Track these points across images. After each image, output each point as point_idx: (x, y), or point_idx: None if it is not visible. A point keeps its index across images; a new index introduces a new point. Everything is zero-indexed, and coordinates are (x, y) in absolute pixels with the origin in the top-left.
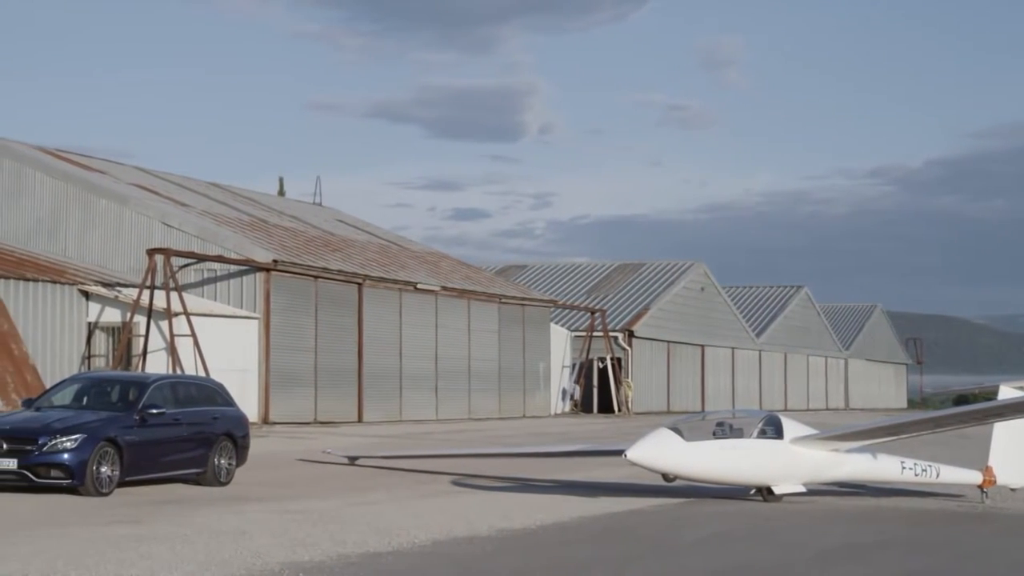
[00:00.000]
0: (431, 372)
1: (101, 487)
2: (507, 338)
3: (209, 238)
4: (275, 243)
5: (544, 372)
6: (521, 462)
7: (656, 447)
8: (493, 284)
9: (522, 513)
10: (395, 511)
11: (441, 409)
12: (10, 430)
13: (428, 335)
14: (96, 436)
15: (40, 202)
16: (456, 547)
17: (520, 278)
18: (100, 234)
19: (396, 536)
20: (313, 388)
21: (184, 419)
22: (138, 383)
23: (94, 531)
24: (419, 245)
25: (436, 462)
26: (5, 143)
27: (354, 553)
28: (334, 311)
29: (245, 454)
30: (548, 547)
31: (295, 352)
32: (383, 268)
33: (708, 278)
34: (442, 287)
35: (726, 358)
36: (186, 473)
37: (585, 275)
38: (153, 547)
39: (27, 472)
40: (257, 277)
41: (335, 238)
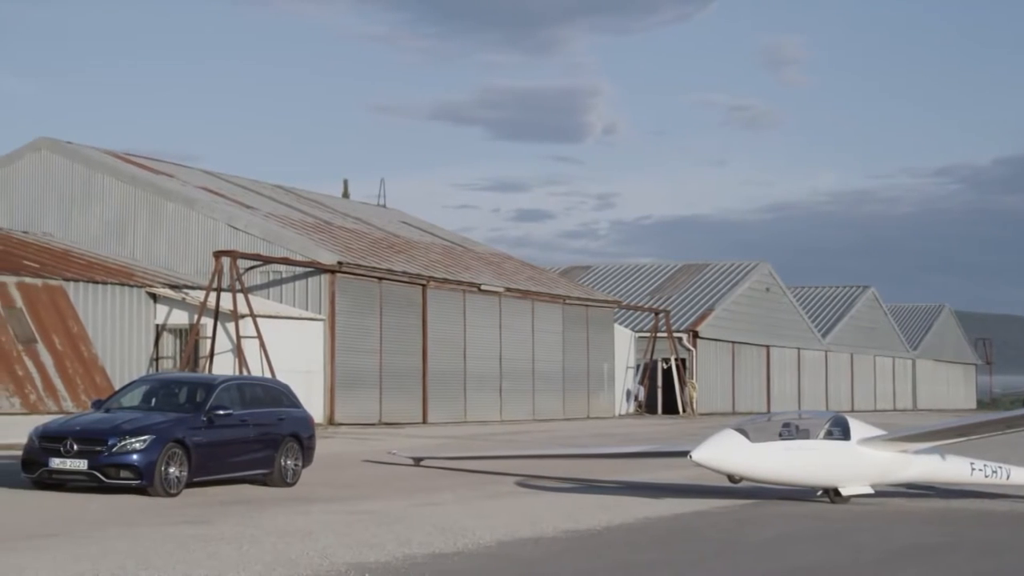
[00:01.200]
0: (495, 373)
1: (169, 488)
2: (571, 339)
3: (275, 240)
4: (340, 245)
5: (608, 373)
6: (586, 463)
7: (721, 448)
8: (557, 285)
9: (587, 514)
10: (460, 512)
11: (505, 410)
12: (80, 431)
13: (492, 336)
14: (164, 437)
15: (109, 205)
16: (521, 548)
17: (584, 279)
18: (167, 237)
19: (461, 537)
20: (378, 389)
21: (251, 420)
22: (205, 385)
23: (162, 531)
24: (483, 246)
25: (501, 463)
26: (75, 148)
27: (419, 554)
28: (398, 312)
29: (311, 455)
30: (613, 548)
31: (360, 353)
32: (447, 269)
33: (773, 278)
34: (506, 288)
35: (792, 359)
36: (253, 474)
37: (649, 276)
38: (220, 547)
39: (97, 473)
40: (322, 279)
41: (399, 240)
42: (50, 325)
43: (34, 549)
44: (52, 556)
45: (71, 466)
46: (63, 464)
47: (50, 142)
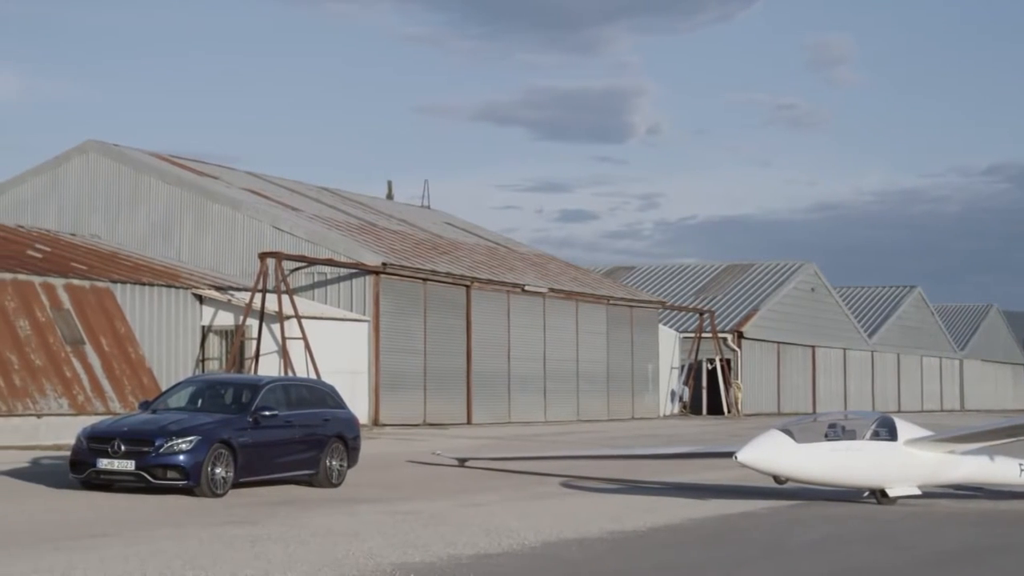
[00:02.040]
0: (539, 374)
1: (216, 488)
2: (615, 340)
3: (319, 242)
4: (384, 246)
5: (653, 374)
6: (630, 464)
7: (767, 449)
8: (601, 286)
9: (632, 515)
10: (505, 512)
11: (549, 411)
12: (128, 432)
13: (536, 337)
14: (211, 438)
15: (156, 207)
16: (566, 549)
17: (628, 279)
18: (213, 238)
19: (506, 538)
20: (422, 390)
21: (296, 421)
22: (251, 385)
23: (209, 531)
24: (527, 247)
25: (545, 464)
26: (122, 150)
27: (465, 554)
28: (443, 313)
29: (356, 456)
30: (659, 549)
31: (404, 354)
32: (491, 270)
33: (819, 278)
34: (550, 289)
35: (838, 359)
36: (298, 475)
37: (693, 276)
38: (267, 547)
39: (144, 473)
40: (367, 280)
41: (443, 241)
42: (98, 327)
43: (82, 549)
44: (100, 556)
45: (119, 467)
46: (111, 465)
47: (98, 145)
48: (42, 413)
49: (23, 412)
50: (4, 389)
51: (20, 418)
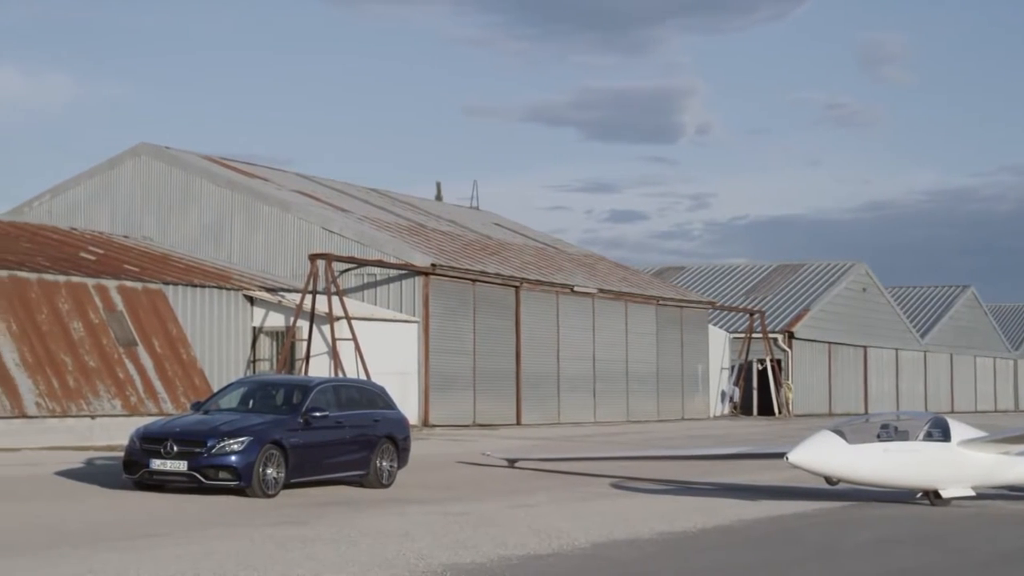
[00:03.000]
0: (589, 374)
1: (267, 489)
2: (665, 340)
3: (369, 243)
4: (433, 247)
5: (703, 374)
6: (681, 465)
7: (818, 450)
8: (650, 286)
9: (683, 516)
10: (555, 513)
11: (599, 411)
12: (180, 432)
13: (585, 337)
14: (262, 439)
15: (207, 210)
16: (617, 550)
17: (678, 280)
18: (263, 240)
19: (556, 538)
20: (472, 391)
21: (346, 422)
22: (302, 386)
23: (261, 532)
24: (576, 247)
25: (595, 464)
26: (174, 153)
27: (515, 555)
28: (492, 314)
29: (406, 456)
30: (710, 550)
31: (454, 355)
32: (540, 271)
33: (870, 278)
34: (599, 289)
35: (889, 360)
36: (349, 475)
37: (743, 276)
38: (318, 548)
39: (196, 474)
40: (416, 281)
41: (492, 241)
42: (150, 328)
43: (136, 549)
44: (153, 556)
45: (171, 467)
46: (163, 465)
47: (150, 147)
48: (96, 414)
49: (77, 413)
50: (59, 390)
51: (74, 419)
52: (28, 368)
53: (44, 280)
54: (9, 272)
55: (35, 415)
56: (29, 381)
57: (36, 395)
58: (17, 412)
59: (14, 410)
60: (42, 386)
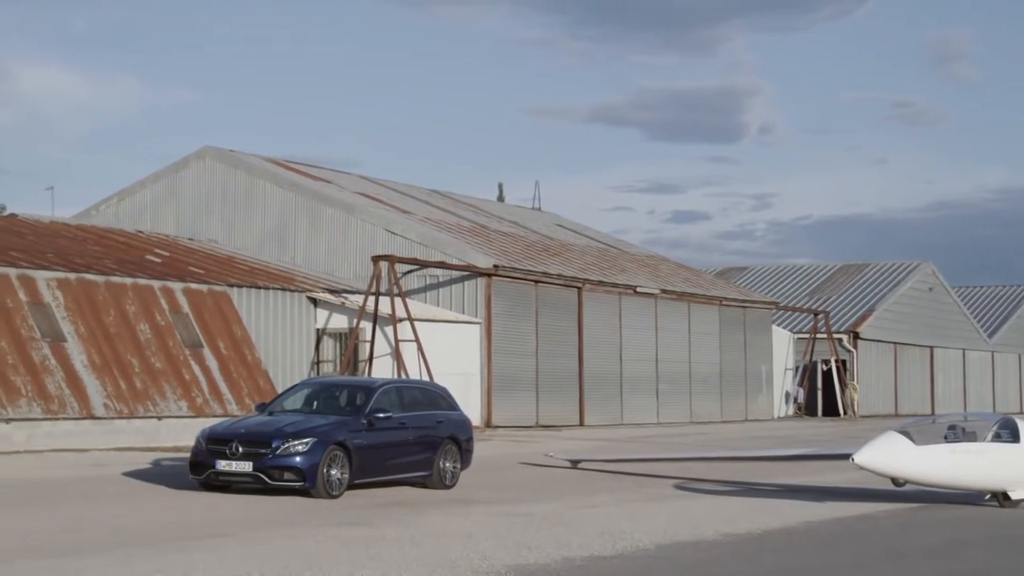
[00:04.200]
0: (652, 375)
1: (331, 490)
2: (728, 341)
3: (431, 244)
4: (496, 248)
5: (766, 375)
6: (745, 466)
7: (885, 451)
8: (713, 286)
9: (747, 517)
10: (618, 514)
11: (662, 412)
12: (245, 434)
13: (648, 338)
14: (326, 440)
15: (270, 212)
16: (681, 551)
17: (741, 280)
18: (326, 242)
19: (620, 540)
20: (534, 392)
21: (410, 423)
22: (365, 388)
23: (325, 532)
24: (638, 248)
25: (659, 466)
26: (238, 155)
27: (579, 556)
28: (554, 315)
29: (469, 457)
30: (775, 552)
31: (516, 356)
32: (603, 272)
33: (936, 278)
34: (662, 290)
35: (956, 360)
36: (412, 476)
37: (807, 276)
38: (382, 548)
39: (262, 474)
40: (478, 282)
41: (554, 242)
42: (215, 330)
43: (202, 549)
44: (219, 556)
45: (237, 468)
46: (229, 466)
47: (214, 151)
48: (162, 415)
49: (144, 414)
50: (126, 392)
51: (141, 420)
52: (96, 370)
53: (111, 282)
54: (77, 275)
55: (103, 416)
56: (97, 383)
57: (104, 396)
58: (86, 413)
59: (83, 411)
60: (110, 388)
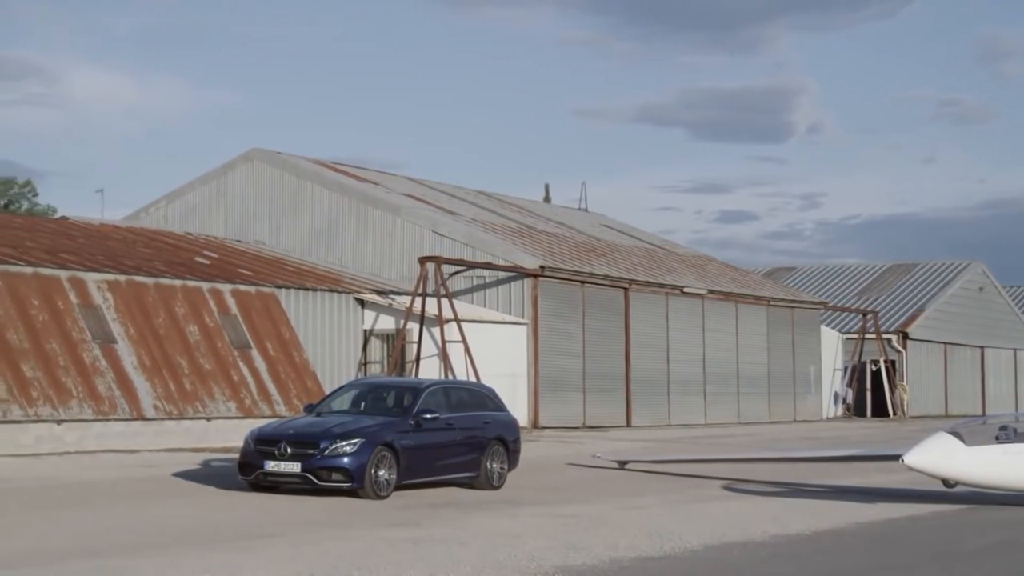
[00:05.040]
0: (699, 376)
1: (379, 490)
2: (776, 341)
3: (478, 245)
4: (542, 249)
5: (815, 375)
6: (793, 467)
7: (935, 452)
8: (761, 287)
9: (796, 518)
10: (666, 515)
11: (710, 413)
12: (294, 434)
13: (695, 339)
14: (374, 440)
15: (318, 213)
16: (729, 552)
17: (788, 280)
18: (373, 243)
19: (668, 540)
20: (581, 392)
21: (457, 424)
22: (412, 388)
23: (373, 533)
24: (685, 248)
25: (706, 466)
26: (285, 157)
27: (626, 557)
28: (601, 316)
29: (516, 458)
30: (824, 553)
31: (563, 357)
32: (649, 272)
33: (987, 277)
34: (709, 290)
35: (1008, 360)
36: (459, 477)
37: (856, 276)
38: (430, 549)
39: (310, 475)
40: (525, 283)
41: (601, 243)
42: (263, 331)
43: (251, 549)
44: (268, 556)
45: (285, 468)
46: (277, 467)
47: (262, 153)
48: (211, 416)
49: (193, 415)
50: (175, 393)
51: (191, 421)
52: (146, 371)
53: (161, 284)
54: (127, 277)
55: (153, 417)
56: (147, 384)
57: (154, 398)
58: (136, 415)
59: (133, 412)
60: (159, 389)
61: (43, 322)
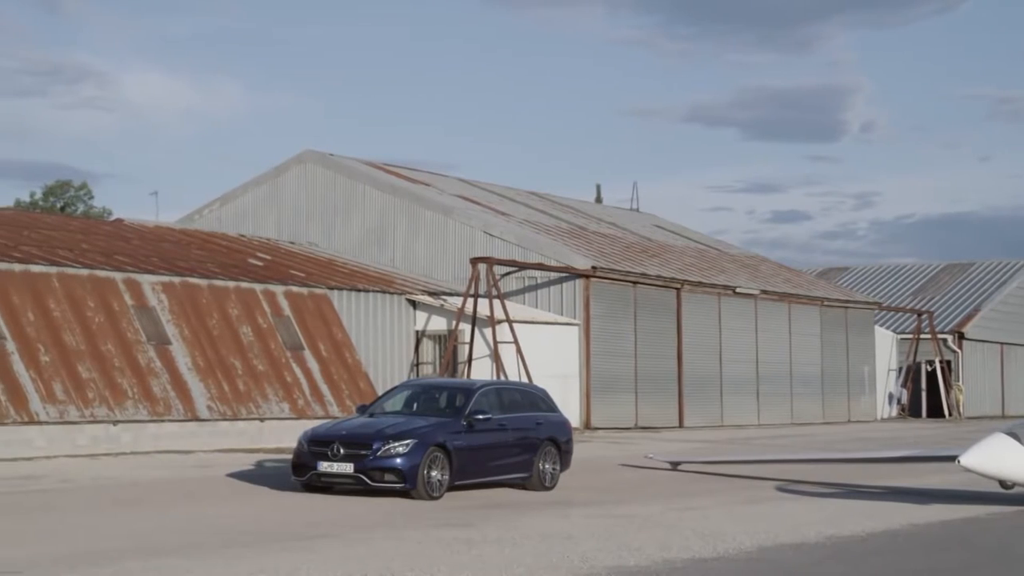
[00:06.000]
0: (752, 376)
1: (432, 491)
2: (830, 342)
3: (529, 246)
4: (594, 250)
5: (869, 376)
6: (847, 468)
7: (992, 453)
8: (814, 287)
9: (851, 520)
10: (720, 516)
11: (763, 414)
12: (347, 435)
13: (748, 339)
14: (426, 441)
15: (370, 215)
16: (783, 554)
17: (842, 280)
18: (425, 244)
19: (721, 542)
20: (633, 393)
21: (509, 425)
22: (465, 389)
23: (426, 534)
24: (738, 249)
25: (760, 467)
26: (337, 159)
27: (679, 558)
28: (653, 316)
29: (569, 459)
30: (879, 555)
31: (615, 357)
32: (701, 272)
33: None
34: (762, 291)
35: None
36: (512, 478)
37: (910, 276)
38: (483, 550)
39: (363, 476)
40: (576, 284)
41: (653, 243)
42: (316, 332)
43: (305, 550)
44: (323, 556)
45: (338, 469)
46: (330, 467)
47: (314, 155)
48: (265, 417)
49: (247, 416)
50: (229, 394)
51: (244, 422)
52: (200, 372)
53: (214, 286)
54: (181, 278)
55: (207, 418)
56: (201, 385)
57: (208, 399)
58: (190, 415)
59: (187, 413)
60: (213, 390)
61: (99, 324)
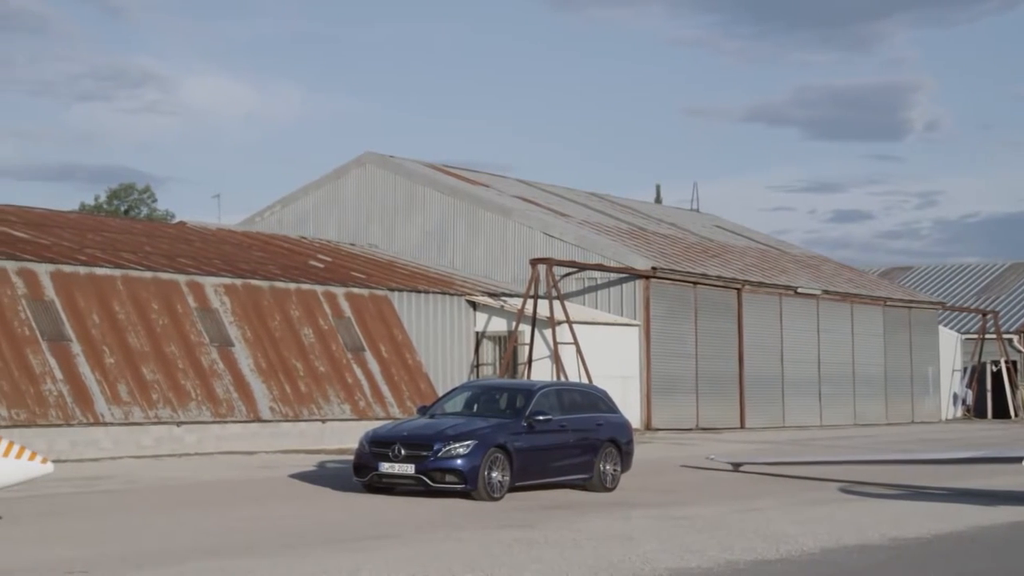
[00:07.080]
0: (814, 377)
1: (492, 492)
2: (893, 342)
3: (589, 247)
4: (653, 250)
5: (933, 376)
6: (910, 469)
7: None
8: (877, 287)
9: (915, 521)
10: (782, 518)
11: (825, 415)
12: (407, 436)
13: (810, 340)
14: (487, 442)
15: (429, 216)
16: (846, 556)
17: (905, 280)
18: (485, 246)
19: (784, 543)
20: (694, 394)
21: (570, 426)
22: (525, 390)
23: (487, 535)
24: (799, 249)
25: (822, 469)
26: (398, 161)
27: (742, 560)
28: (714, 317)
29: (629, 460)
30: (944, 557)
31: (676, 358)
32: (762, 273)
33: None
34: (824, 291)
35: None
36: (572, 479)
37: (975, 275)
38: (544, 551)
39: (424, 477)
40: (636, 284)
41: (713, 244)
42: (376, 334)
43: (367, 550)
44: (384, 557)
45: (399, 470)
46: (392, 468)
47: (374, 157)
48: (326, 418)
49: (309, 417)
50: (291, 395)
51: (306, 423)
52: (262, 374)
53: (276, 288)
54: (243, 280)
55: (269, 419)
56: (263, 386)
57: (270, 400)
58: (253, 417)
59: (250, 415)
60: (275, 391)
61: (163, 326)
